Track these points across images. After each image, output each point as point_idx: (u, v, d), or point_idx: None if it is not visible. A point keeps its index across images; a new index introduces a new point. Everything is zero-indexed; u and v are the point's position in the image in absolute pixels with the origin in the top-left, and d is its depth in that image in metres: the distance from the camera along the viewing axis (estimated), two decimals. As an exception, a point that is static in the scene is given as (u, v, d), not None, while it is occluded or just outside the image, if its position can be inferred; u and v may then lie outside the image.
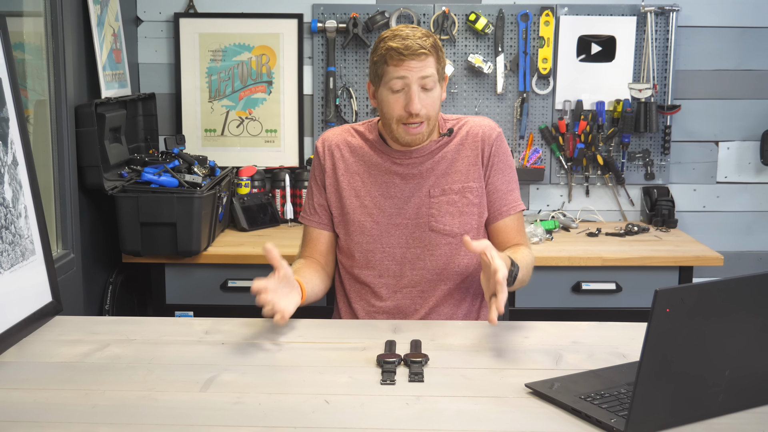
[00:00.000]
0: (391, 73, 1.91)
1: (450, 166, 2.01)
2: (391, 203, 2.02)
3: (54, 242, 2.45)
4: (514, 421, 1.34)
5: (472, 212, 2.01)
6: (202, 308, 2.77)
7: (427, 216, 2.01)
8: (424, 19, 3.19)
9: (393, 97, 1.92)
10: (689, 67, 3.24)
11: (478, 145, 2.02)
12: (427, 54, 1.90)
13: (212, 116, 3.27)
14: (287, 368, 1.58)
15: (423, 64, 1.89)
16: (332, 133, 2.10)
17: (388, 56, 1.90)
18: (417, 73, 1.89)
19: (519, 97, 3.24)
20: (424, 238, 2.01)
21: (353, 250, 2.05)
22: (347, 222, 2.04)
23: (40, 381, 1.51)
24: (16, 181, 1.81)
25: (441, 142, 2.02)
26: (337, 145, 2.07)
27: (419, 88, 1.90)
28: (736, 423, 1.33)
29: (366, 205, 2.03)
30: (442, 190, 2.01)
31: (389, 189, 2.02)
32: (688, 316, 1.24)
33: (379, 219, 2.02)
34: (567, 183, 3.30)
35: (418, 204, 2.01)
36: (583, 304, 2.80)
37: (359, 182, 2.04)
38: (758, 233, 3.35)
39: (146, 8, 3.25)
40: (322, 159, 2.07)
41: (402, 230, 2.02)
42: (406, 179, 2.02)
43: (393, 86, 1.91)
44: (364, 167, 2.04)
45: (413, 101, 1.89)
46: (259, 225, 3.08)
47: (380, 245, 2.03)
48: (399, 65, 1.89)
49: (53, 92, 2.44)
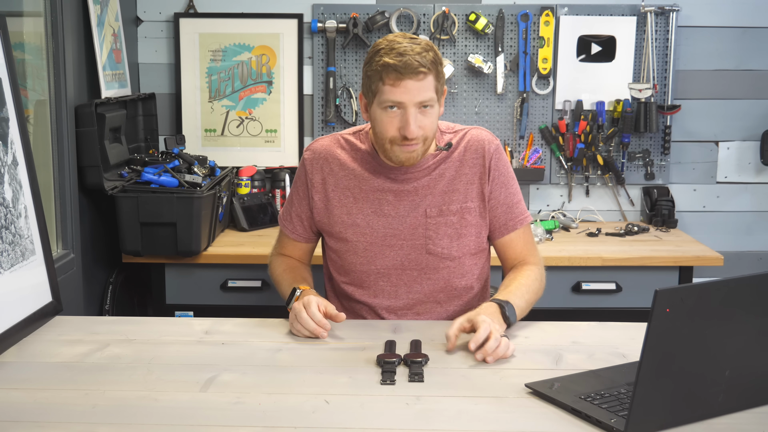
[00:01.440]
0: (386, 94, 1.77)
1: (448, 184, 1.91)
2: (385, 222, 1.91)
3: (54, 242, 2.45)
4: (514, 421, 1.34)
5: (470, 233, 1.92)
6: (202, 308, 2.77)
7: (424, 238, 1.91)
8: (424, 19, 3.19)
9: (387, 118, 1.79)
10: (689, 67, 3.24)
11: (477, 161, 1.91)
12: (426, 72, 1.75)
13: (212, 116, 3.27)
14: (287, 368, 1.58)
15: (421, 84, 1.75)
16: (321, 145, 1.97)
17: (384, 73, 1.76)
18: (415, 96, 1.76)
19: (519, 97, 3.24)
20: (420, 261, 1.92)
21: (348, 269, 1.96)
22: (340, 240, 1.95)
23: (40, 381, 1.51)
24: (16, 181, 1.81)
25: (439, 156, 1.91)
26: (326, 159, 1.94)
27: (416, 110, 1.77)
28: (736, 423, 1.33)
29: (358, 224, 1.92)
30: (439, 210, 1.90)
31: (382, 206, 1.91)
32: (688, 316, 1.24)
33: (372, 239, 1.92)
34: (567, 183, 3.30)
35: (413, 224, 1.91)
36: (583, 304, 2.80)
37: (350, 199, 1.92)
38: (758, 233, 3.35)
39: (146, 8, 3.25)
40: (310, 173, 1.95)
41: (397, 251, 1.92)
42: (400, 196, 1.91)
43: (388, 106, 1.78)
44: (355, 182, 1.92)
45: (409, 126, 1.76)
46: (259, 225, 3.08)
47: (374, 266, 1.93)
48: (396, 85, 1.75)
49: (53, 92, 2.44)
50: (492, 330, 1.61)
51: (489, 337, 1.60)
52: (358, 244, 1.93)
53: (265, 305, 2.76)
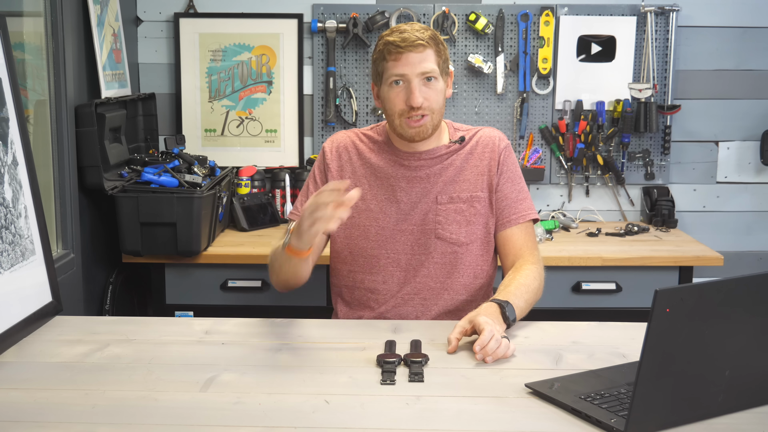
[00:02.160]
0: (390, 69, 1.89)
1: (458, 173, 1.99)
2: (397, 208, 1.99)
3: (54, 242, 2.45)
4: (514, 421, 1.34)
5: (478, 222, 1.99)
6: (202, 308, 2.77)
7: (434, 223, 1.98)
8: (424, 19, 3.19)
9: (394, 92, 1.90)
10: (689, 67, 3.24)
11: (486, 155, 2.00)
12: (425, 46, 1.88)
13: (212, 116, 3.27)
14: (287, 368, 1.58)
15: (422, 56, 1.87)
16: (341, 136, 2.08)
17: (386, 51, 1.89)
18: (416, 67, 1.87)
19: (519, 97, 3.24)
20: (429, 245, 1.98)
21: (357, 254, 2.01)
22: (351, 226, 2.00)
23: (40, 381, 1.51)
24: (16, 181, 1.81)
25: (451, 148, 2.00)
26: (345, 148, 2.04)
27: (420, 81, 1.88)
28: (736, 423, 1.33)
29: (371, 209, 2.00)
30: (449, 197, 1.98)
31: (395, 193, 1.99)
32: (688, 316, 1.24)
33: (384, 224, 1.99)
34: (567, 183, 3.30)
35: (424, 210, 1.98)
36: (583, 304, 2.80)
37: (365, 186, 2.00)
38: (758, 233, 3.35)
39: (146, 8, 3.25)
40: (329, 160, 2.04)
41: (407, 236, 1.99)
42: (412, 183, 1.99)
43: (393, 81, 1.89)
44: (370, 170, 2.01)
45: (414, 94, 1.87)
46: (259, 225, 3.08)
47: (385, 251, 1.99)
48: (398, 59, 1.87)
49: (53, 92, 2.44)
50: (494, 332, 1.62)
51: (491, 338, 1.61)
52: (369, 229, 2.00)
53: (265, 305, 2.76)
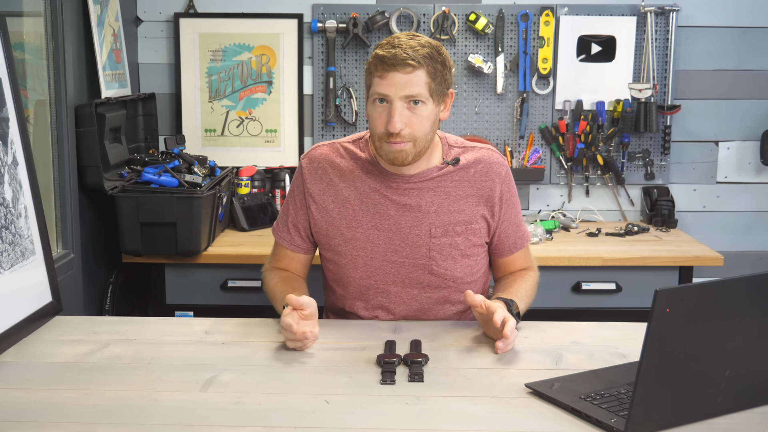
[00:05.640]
0: (374, 86, 1.73)
1: (453, 202, 1.84)
2: (385, 237, 1.85)
3: (54, 242, 2.45)
4: (514, 421, 1.34)
5: (474, 254, 1.88)
6: (202, 308, 2.77)
7: (427, 258, 1.84)
8: (424, 19, 3.19)
9: (376, 112, 1.74)
10: (689, 67, 3.24)
11: (487, 184, 1.86)
12: (414, 66, 1.69)
13: (212, 116, 3.27)
14: (287, 368, 1.58)
15: (409, 77, 1.70)
16: (319, 154, 1.90)
17: (373, 65, 1.73)
18: (401, 89, 1.70)
19: (519, 97, 3.24)
20: (422, 280, 1.86)
21: (346, 283, 1.90)
22: (339, 254, 1.88)
23: (40, 381, 1.51)
24: (16, 181, 1.81)
25: (444, 170, 1.85)
26: (324, 169, 1.88)
27: (403, 104, 1.71)
28: (736, 423, 1.33)
29: (357, 237, 1.85)
30: (444, 230, 1.84)
31: (382, 221, 1.84)
32: (688, 316, 1.24)
33: (372, 254, 1.85)
34: (567, 183, 3.30)
35: (416, 243, 1.84)
36: (583, 304, 2.80)
37: (350, 211, 1.86)
38: (758, 233, 3.35)
39: (146, 8, 3.25)
40: (308, 181, 1.88)
41: (398, 268, 1.86)
42: (402, 211, 1.84)
43: (377, 99, 1.74)
44: (355, 194, 1.85)
45: (393, 119, 1.70)
46: (259, 225, 3.08)
47: (374, 282, 1.87)
48: (383, 77, 1.71)
49: (53, 92, 2.44)
50: (514, 326, 1.65)
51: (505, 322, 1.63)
52: (357, 259, 1.87)
53: (266, 305, 2.75)
